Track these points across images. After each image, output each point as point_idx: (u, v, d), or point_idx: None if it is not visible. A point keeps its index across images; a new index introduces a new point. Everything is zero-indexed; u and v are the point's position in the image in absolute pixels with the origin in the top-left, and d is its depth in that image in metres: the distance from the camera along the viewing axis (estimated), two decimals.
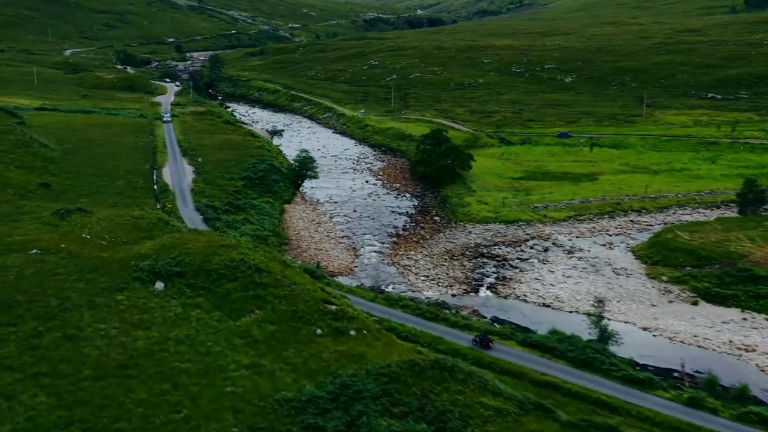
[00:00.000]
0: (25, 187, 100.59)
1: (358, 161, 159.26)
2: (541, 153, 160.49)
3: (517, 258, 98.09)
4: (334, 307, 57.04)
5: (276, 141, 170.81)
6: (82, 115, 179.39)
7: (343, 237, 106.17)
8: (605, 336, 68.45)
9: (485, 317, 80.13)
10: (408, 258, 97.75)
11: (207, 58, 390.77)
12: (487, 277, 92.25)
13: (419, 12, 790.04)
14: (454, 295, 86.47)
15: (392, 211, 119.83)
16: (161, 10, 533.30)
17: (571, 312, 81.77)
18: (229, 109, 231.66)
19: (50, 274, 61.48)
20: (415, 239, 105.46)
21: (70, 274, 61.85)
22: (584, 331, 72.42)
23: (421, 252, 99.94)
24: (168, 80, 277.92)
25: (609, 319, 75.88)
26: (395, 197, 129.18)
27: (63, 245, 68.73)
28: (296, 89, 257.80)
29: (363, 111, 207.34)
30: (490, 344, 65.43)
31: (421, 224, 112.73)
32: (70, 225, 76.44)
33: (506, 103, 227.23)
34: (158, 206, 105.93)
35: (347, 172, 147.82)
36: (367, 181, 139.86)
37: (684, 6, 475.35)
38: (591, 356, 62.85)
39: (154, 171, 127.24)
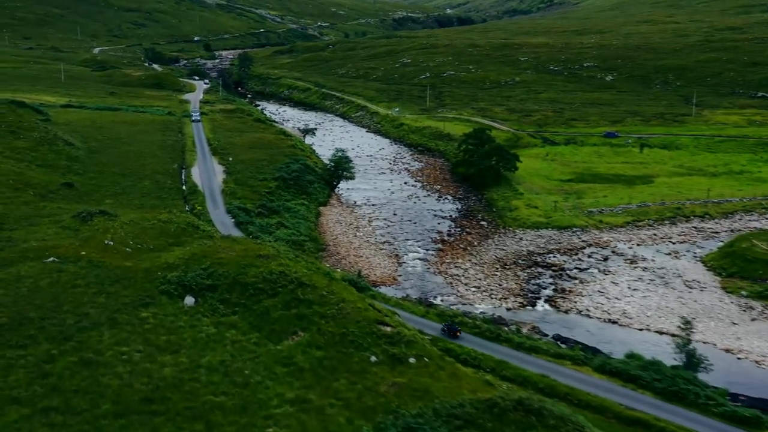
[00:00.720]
0: (46, 187, 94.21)
1: (394, 161, 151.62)
2: (587, 153, 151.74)
3: (575, 267, 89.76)
4: (389, 329, 49.34)
5: (308, 140, 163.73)
6: (108, 112, 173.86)
7: (384, 242, 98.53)
8: (693, 362, 60.03)
9: (546, 335, 72.09)
10: (456, 266, 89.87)
11: (235, 56, 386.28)
12: (544, 288, 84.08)
13: (448, 11, 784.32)
14: (509, 309, 78.49)
15: (435, 215, 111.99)
16: (190, 9, 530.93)
17: (641, 330, 73.53)
18: (259, 107, 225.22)
19: (68, 286, 54.54)
20: (461, 246, 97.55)
21: (89, 286, 54.86)
22: (662, 353, 64.21)
23: (469, 260, 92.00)
24: (196, 78, 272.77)
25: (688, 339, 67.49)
26: (437, 200, 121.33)
27: (83, 252, 61.87)
28: (327, 87, 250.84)
29: (397, 109, 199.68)
30: (458, 333, 63.63)
31: (467, 229, 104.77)
32: (92, 229, 69.66)
33: (545, 101, 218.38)
34: (187, 208, 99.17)
35: (384, 173, 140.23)
36: (405, 183, 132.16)
37: (720, 4, 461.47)
38: (683, 387, 54.51)
39: (183, 171, 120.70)
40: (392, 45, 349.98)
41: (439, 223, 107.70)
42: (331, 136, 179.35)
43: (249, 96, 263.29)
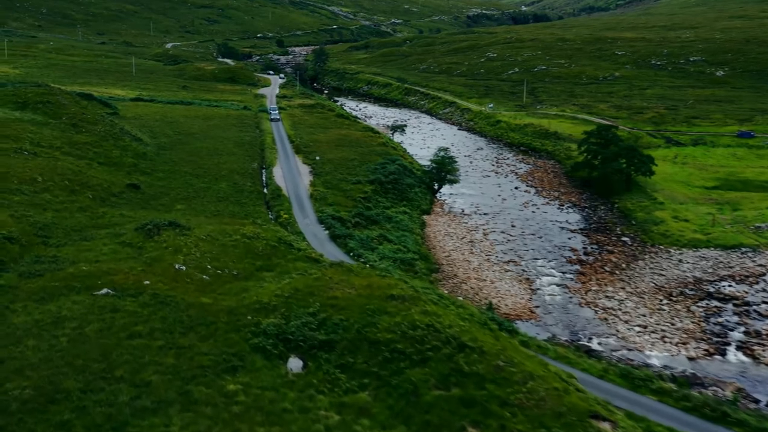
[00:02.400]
0: (108, 189, 79.28)
1: (497, 162, 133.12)
2: (723, 156, 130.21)
3: (763, 302, 69.97)
4: (608, 426, 31.43)
5: (397, 138, 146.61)
6: (180, 106, 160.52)
7: (509, 262, 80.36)
8: None
9: (758, 400, 52.88)
10: (606, 296, 71.12)
11: (308, 52, 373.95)
12: (731, 330, 64.62)
13: (523, 8, 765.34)
14: (691, 359, 59.48)
15: (561, 228, 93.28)
16: (262, 5, 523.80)
17: None
18: (338, 103, 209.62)
19: (123, 335, 38.38)
20: (606, 268, 78.64)
21: (153, 336, 38.58)
22: None
23: (622, 288, 73.06)
24: (271, 72, 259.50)
25: None
26: (558, 208, 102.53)
27: (147, 282, 45.82)
28: (410, 83, 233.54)
29: (491, 105, 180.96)
30: None
31: (607, 247, 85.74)
32: (159, 247, 53.67)
33: (653, 98, 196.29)
34: (271, 216, 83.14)
35: (488, 176, 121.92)
36: (516, 188, 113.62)
37: None
38: None
39: (263, 171, 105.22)
40: (472, 40, 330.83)
41: (569, 238, 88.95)
42: (420, 133, 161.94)
43: (326, 91, 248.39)
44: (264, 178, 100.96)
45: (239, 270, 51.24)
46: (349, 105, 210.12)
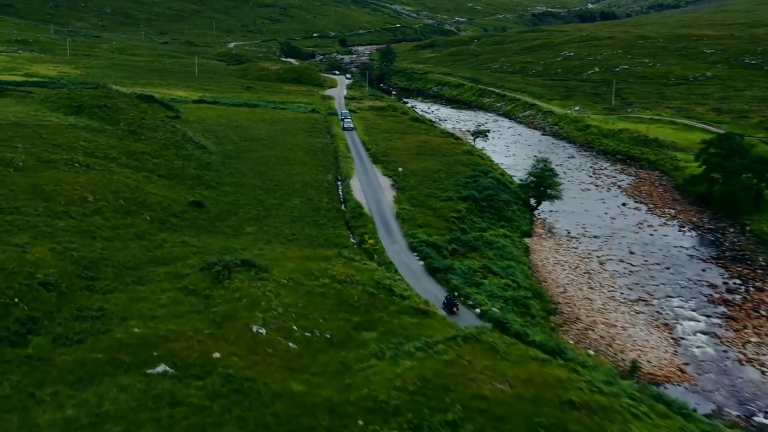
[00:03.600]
0: (168, 209, 68.70)
1: (595, 173, 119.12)
2: None
3: None
4: None
5: (479, 144, 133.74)
6: (245, 108, 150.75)
7: (637, 300, 67.02)
8: None
9: None
10: None
11: (372, 51, 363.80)
12: None
13: (590, 6, 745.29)
14: None
15: (689, 256, 79.29)
16: (324, 4, 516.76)
17: None
18: (408, 104, 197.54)
19: None
20: (761, 312, 64.61)
21: None
22: None
23: None
24: (336, 72, 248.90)
25: None
26: (679, 231, 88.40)
27: (217, 354, 34.47)
28: (483, 83, 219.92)
29: (577, 108, 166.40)
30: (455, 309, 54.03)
31: (754, 282, 71.53)
32: (231, 297, 42.28)
33: (754, 100, 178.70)
34: (353, 240, 71.63)
35: (588, 189, 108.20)
36: (624, 204, 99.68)
37: None
38: None
39: (340, 183, 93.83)
40: (543, 38, 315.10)
41: (703, 270, 74.98)
42: (501, 139, 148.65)
43: (393, 92, 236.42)
44: (341, 193, 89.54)
45: (332, 331, 39.52)
46: (420, 107, 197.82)
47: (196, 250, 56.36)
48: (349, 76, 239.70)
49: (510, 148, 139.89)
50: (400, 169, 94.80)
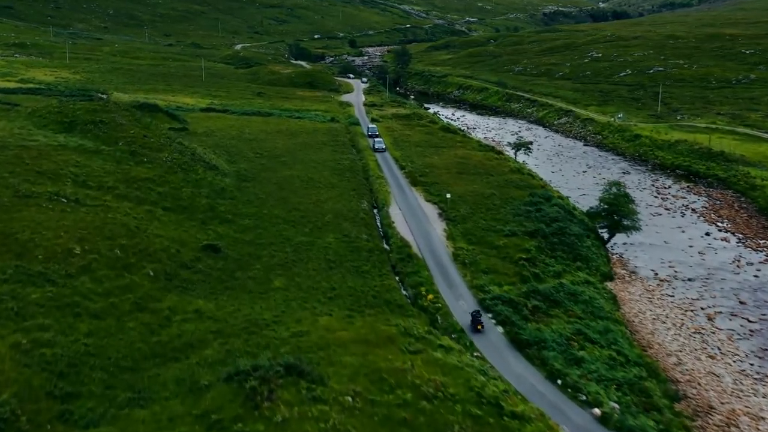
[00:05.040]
0: (176, 257, 54.60)
1: (659, 193, 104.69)
2: None
3: None
4: None
5: (520, 157, 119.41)
6: (258, 118, 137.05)
7: None
8: None
9: None
10: None
11: (383, 52, 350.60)
12: None
13: (601, 4, 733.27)
14: None
15: None
16: (332, 4, 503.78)
17: None
18: (430, 110, 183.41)
19: None
20: None
21: None
22: None
23: None
24: (351, 76, 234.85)
25: None
26: None
27: None
28: (510, 87, 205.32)
29: (621, 116, 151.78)
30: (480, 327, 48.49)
31: None
32: None
33: None
34: (405, 293, 57.51)
35: (659, 214, 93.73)
36: (707, 234, 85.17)
37: None
38: None
39: (377, 212, 79.66)
40: (564, 38, 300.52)
41: None
42: (541, 150, 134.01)
43: (412, 97, 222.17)
44: (380, 225, 75.35)
45: None
46: (443, 113, 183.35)
47: (214, 326, 42.22)
48: (365, 79, 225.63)
49: (553, 161, 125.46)
50: (448, 195, 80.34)
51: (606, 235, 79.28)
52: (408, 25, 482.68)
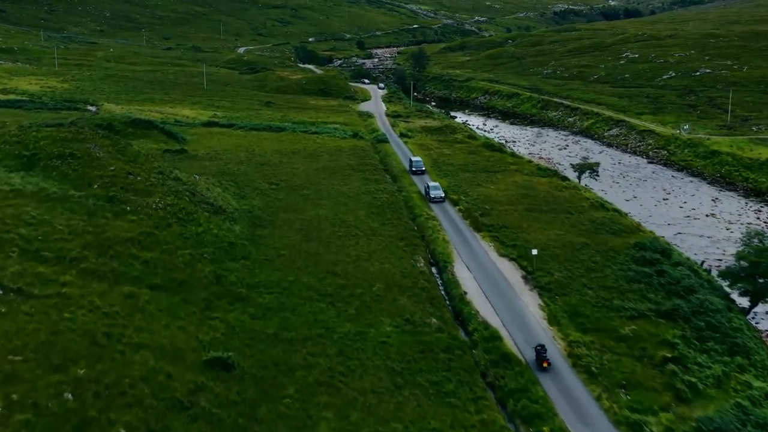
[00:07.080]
0: (165, 392, 34.46)
1: None
2: None
3: None
4: None
5: (583, 181, 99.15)
6: (269, 134, 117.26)
7: None
8: None
9: None
10: None
11: (394, 54, 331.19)
12: None
13: (612, 2, 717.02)
14: None
15: None
16: (337, 4, 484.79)
17: None
18: (456, 119, 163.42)
19: None
20: None
21: None
22: None
23: None
24: (366, 81, 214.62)
25: None
26: None
27: None
28: (546, 93, 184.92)
29: (687, 127, 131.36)
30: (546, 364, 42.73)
31: None
32: None
33: None
34: (510, 426, 37.17)
35: None
36: None
37: None
38: None
39: (438, 275, 59.46)
40: (589, 38, 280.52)
41: None
42: (601, 170, 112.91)
43: (433, 103, 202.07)
44: (446, 295, 55.16)
45: None
46: (472, 122, 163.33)
47: None
48: (381, 85, 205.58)
49: (621, 185, 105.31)
50: (534, 251, 59.76)
51: (749, 302, 58.85)
52: (416, 26, 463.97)
